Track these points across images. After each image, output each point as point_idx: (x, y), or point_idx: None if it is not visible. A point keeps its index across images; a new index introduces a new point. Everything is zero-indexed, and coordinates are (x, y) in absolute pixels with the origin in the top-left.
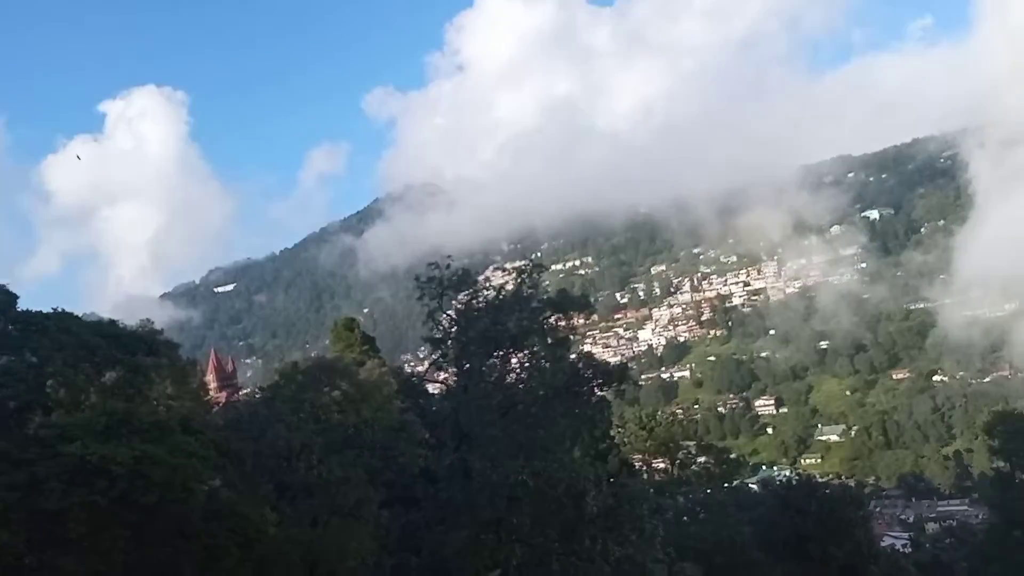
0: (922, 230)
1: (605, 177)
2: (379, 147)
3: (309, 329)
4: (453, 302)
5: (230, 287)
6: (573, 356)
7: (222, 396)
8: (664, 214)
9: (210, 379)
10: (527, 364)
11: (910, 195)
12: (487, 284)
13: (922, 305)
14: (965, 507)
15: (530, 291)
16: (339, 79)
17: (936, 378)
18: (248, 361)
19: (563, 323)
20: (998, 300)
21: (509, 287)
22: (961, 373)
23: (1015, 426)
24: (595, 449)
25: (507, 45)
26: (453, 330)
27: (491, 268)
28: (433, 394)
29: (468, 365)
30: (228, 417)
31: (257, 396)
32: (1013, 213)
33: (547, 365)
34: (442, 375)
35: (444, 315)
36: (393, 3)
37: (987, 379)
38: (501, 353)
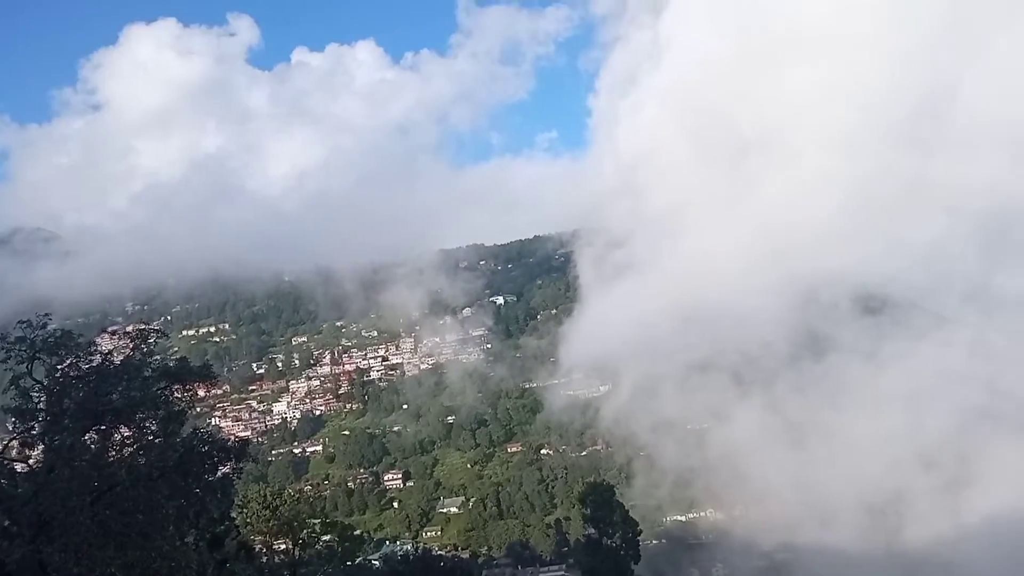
0: (538, 317)
1: (251, 241)
2: None
3: None
4: (47, 368)
5: None
6: (190, 431)
7: None
8: (309, 284)
9: None
10: (133, 441)
11: (530, 285)
12: (94, 348)
13: (535, 384)
14: (563, 572)
15: (142, 358)
16: None
17: (544, 451)
18: None
19: (181, 395)
20: (594, 382)
21: (122, 352)
22: (564, 447)
23: (603, 496)
24: (210, 532)
25: (153, 91)
26: (43, 400)
27: (110, 329)
28: (20, 474)
29: (58, 441)
30: None
31: None
32: (609, 307)
33: (157, 441)
34: (33, 453)
35: (34, 382)
36: (17, 24)
37: (584, 452)
38: (102, 428)
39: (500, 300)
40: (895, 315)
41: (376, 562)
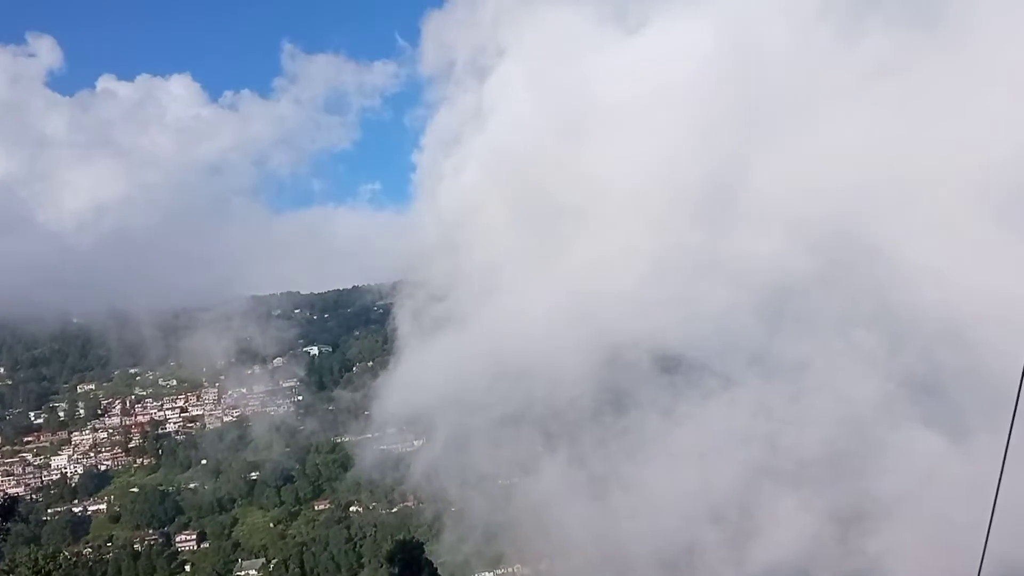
0: (354, 369)
1: (35, 277)
2: None
3: None
4: None
5: None
6: None
7: None
8: (101, 328)
9: None
10: None
11: (347, 336)
12: None
13: (347, 439)
14: None
15: None
16: None
17: (353, 508)
18: None
19: None
20: (408, 436)
21: None
22: (374, 503)
23: (412, 554)
24: None
25: None
26: None
27: None
28: None
29: None
30: None
31: None
32: (425, 360)
33: None
34: None
35: None
36: None
37: (394, 509)
38: None
39: (314, 350)
40: (689, 376)
41: None
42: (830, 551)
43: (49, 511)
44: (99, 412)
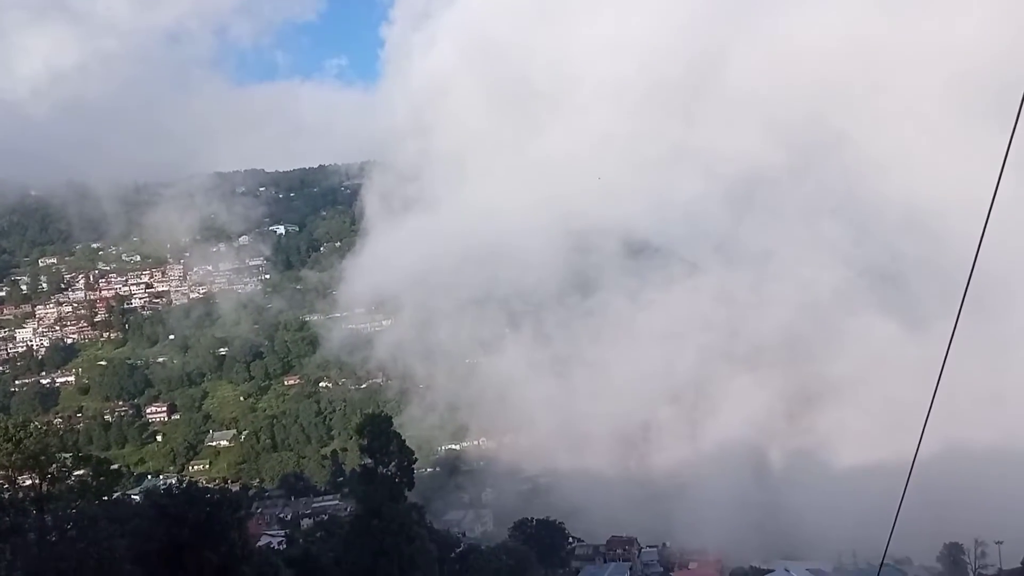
0: (321, 249)
1: None
2: None
3: None
4: None
5: None
6: None
7: None
8: (61, 200)
9: None
10: None
11: (314, 216)
12: None
13: (316, 317)
14: (337, 501)
15: None
16: None
17: (322, 384)
18: None
19: None
20: (376, 316)
21: None
22: (343, 380)
23: (380, 427)
24: None
25: None
26: None
27: None
28: None
29: None
30: None
31: None
32: (393, 241)
33: None
34: None
35: None
36: None
37: (364, 385)
38: None
39: (281, 230)
40: (655, 262)
41: (136, 497)
42: (781, 428)
43: (17, 383)
44: (62, 286)
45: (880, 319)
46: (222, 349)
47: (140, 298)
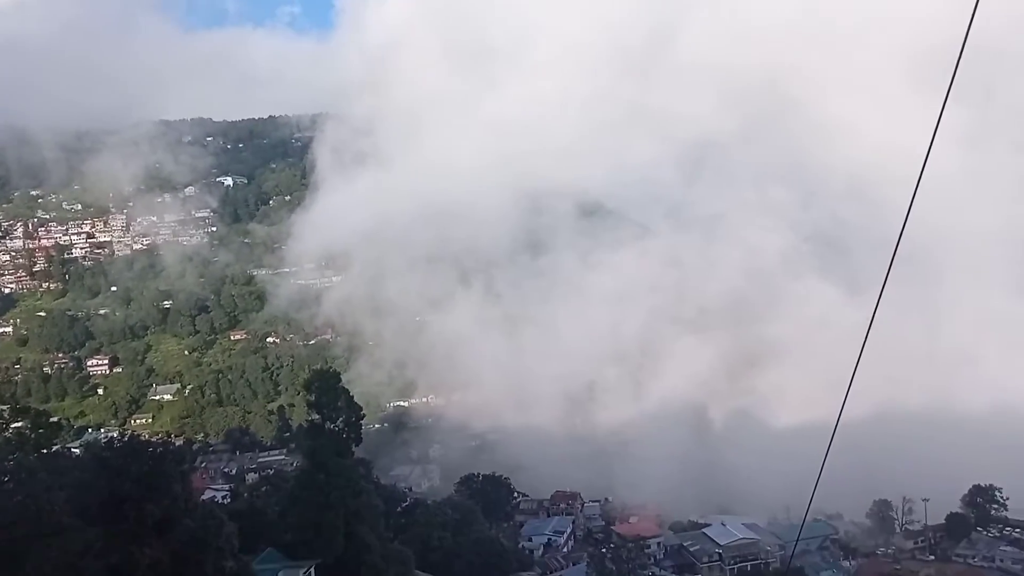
0: (270, 202)
1: None
2: None
3: None
4: None
5: None
6: None
7: None
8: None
9: None
10: None
11: (263, 168)
12: None
13: (264, 272)
14: (283, 456)
15: None
16: None
17: (269, 340)
18: None
19: None
20: (326, 272)
21: None
22: (291, 336)
23: (329, 382)
24: None
25: None
26: None
27: None
28: None
29: None
30: None
31: None
32: (345, 196)
33: None
34: None
35: None
36: None
37: (312, 341)
38: None
39: (228, 181)
40: (606, 223)
41: (76, 450)
42: (722, 388)
43: None
44: (0, 235)
45: (822, 283)
46: (166, 302)
47: (81, 248)
